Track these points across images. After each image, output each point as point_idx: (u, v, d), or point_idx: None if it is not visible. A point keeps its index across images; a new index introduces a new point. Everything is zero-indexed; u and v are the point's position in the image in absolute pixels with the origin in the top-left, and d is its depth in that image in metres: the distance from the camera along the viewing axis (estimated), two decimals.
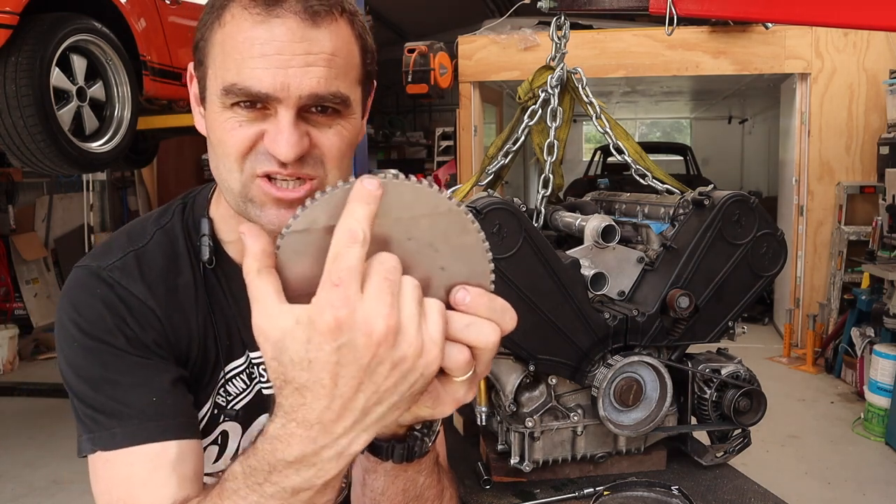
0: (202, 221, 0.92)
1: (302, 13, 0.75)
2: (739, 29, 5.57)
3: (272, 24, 0.75)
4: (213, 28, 0.79)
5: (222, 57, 0.78)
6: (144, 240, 0.91)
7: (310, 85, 0.75)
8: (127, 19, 3.28)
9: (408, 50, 6.00)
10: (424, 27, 8.02)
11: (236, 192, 0.81)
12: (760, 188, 9.93)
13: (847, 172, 5.59)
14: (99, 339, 0.83)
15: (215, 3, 0.80)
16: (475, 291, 0.58)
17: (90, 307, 0.84)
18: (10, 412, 4.59)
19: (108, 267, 0.87)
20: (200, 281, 0.91)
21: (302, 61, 0.75)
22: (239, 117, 0.78)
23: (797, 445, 3.81)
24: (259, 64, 0.75)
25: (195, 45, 0.83)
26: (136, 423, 0.80)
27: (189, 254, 0.91)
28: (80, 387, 0.83)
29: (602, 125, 1.61)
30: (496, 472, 1.35)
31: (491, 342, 0.58)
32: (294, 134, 0.76)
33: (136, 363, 0.83)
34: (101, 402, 0.81)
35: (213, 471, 0.95)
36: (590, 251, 1.33)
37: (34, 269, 6.36)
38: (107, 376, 0.82)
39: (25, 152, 2.83)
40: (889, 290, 4.15)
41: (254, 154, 0.79)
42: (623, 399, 1.27)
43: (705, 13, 1.64)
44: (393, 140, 9.42)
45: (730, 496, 1.28)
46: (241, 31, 0.76)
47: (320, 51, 0.76)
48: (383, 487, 0.78)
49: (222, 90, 0.77)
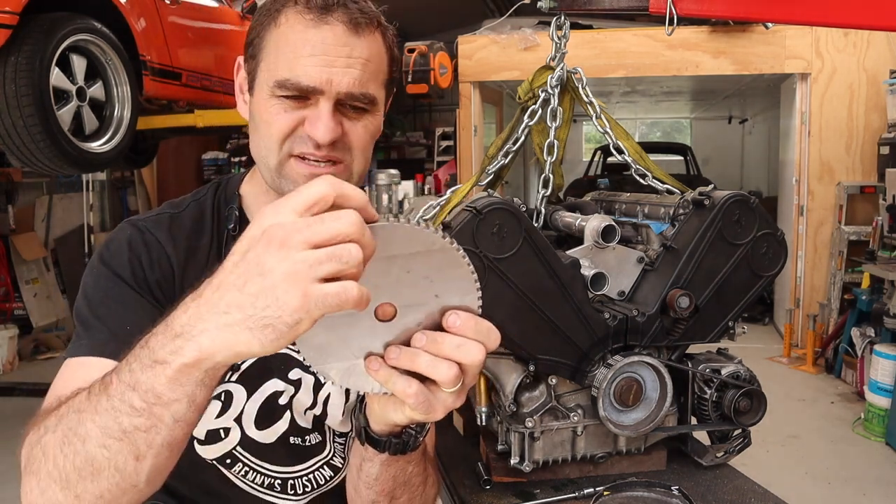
0: (234, 196, 1.07)
1: (347, 23, 0.90)
2: (739, 29, 5.57)
3: (322, 29, 0.90)
4: (268, 28, 0.94)
5: (276, 53, 0.92)
6: (181, 208, 1.06)
7: (348, 83, 0.91)
8: (127, 19, 3.28)
9: (408, 50, 6.00)
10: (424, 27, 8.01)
11: (273, 168, 0.95)
12: (760, 188, 9.92)
13: (847, 172, 5.59)
14: (110, 268, 0.97)
15: (271, 7, 0.94)
16: (464, 316, 0.67)
17: (116, 243, 0.99)
18: (10, 412, 4.59)
19: (144, 219, 1.03)
20: (220, 245, 1.03)
21: (344, 63, 0.90)
22: (284, 105, 0.92)
23: (797, 445, 3.81)
24: (309, 62, 0.90)
25: (249, 41, 0.97)
26: (103, 339, 0.91)
27: (213, 222, 1.05)
28: (81, 304, 0.96)
29: (602, 125, 1.61)
30: (496, 472, 1.35)
31: (477, 360, 0.67)
32: (331, 121, 0.91)
33: (132, 296, 0.95)
34: (87, 319, 0.94)
35: (214, 427, 1.03)
36: (590, 251, 1.33)
37: (34, 269, 6.36)
38: (104, 300, 0.95)
39: (25, 152, 2.82)
40: (889, 290, 4.15)
41: (293, 137, 0.93)
42: (623, 399, 1.27)
43: (705, 13, 1.64)
44: (393, 140, 9.42)
45: (730, 496, 1.28)
46: (295, 32, 0.91)
47: (359, 56, 0.92)
48: (377, 474, 0.91)
49: (275, 82, 0.91)
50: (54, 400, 0.78)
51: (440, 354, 0.66)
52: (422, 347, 0.66)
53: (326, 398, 1.11)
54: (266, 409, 1.06)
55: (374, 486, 0.92)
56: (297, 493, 1.11)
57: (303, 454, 1.11)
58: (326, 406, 1.12)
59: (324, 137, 0.91)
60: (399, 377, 0.67)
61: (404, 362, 0.66)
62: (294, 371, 1.08)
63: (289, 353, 1.07)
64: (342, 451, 1.15)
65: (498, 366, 1.29)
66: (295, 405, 1.09)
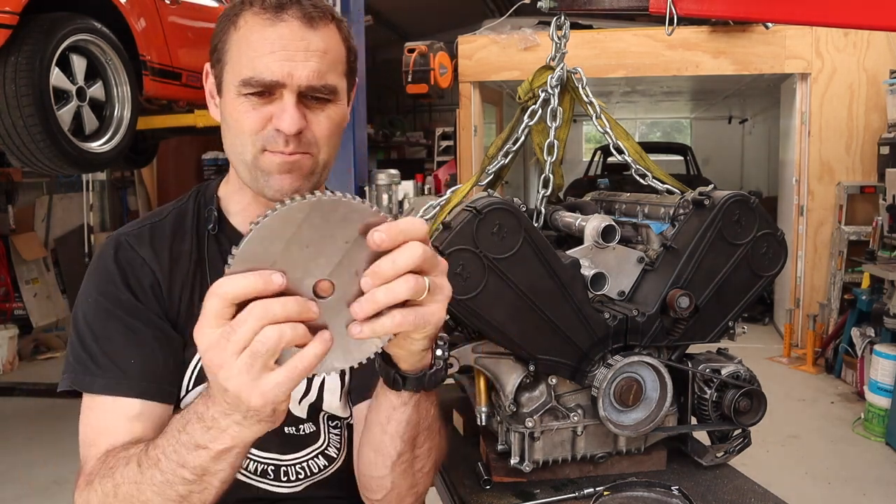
0: (213, 198, 1.12)
1: (302, 18, 0.96)
2: (739, 29, 5.57)
3: (279, 26, 0.95)
4: (229, 32, 0.99)
5: (238, 54, 0.97)
6: (162, 215, 1.11)
7: (308, 75, 0.96)
8: (127, 19, 3.28)
9: (408, 50, 6.00)
10: (424, 27, 8.01)
11: (249, 163, 1.00)
12: (760, 188, 9.91)
13: (847, 172, 5.59)
14: (108, 299, 1.01)
15: (230, 13, 0.99)
16: (382, 228, 0.67)
17: (105, 270, 1.04)
18: (10, 412, 4.59)
19: (126, 233, 1.08)
20: (201, 247, 1.08)
21: (302, 56, 0.95)
22: (251, 102, 0.97)
23: (797, 445, 3.81)
24: (270, 58, 0.95)
25: (213, 47, 1.02)
26: (115, 377, 0.98)
27: (194, 225, 1.10)
28: (85, 332, 1.01)
29: (602, 125, 1.61)
30: (496, 472, 1.35)
31: (417, 258, 0.68)
32: (296, 112, 0.96)
33: (133, 325, 1.01)
34: (94, 351, 0.99)
35: None
36: (590, 251, 1.33)
37: (34, 269, 6.36)
38: (106, 333, 1.00)
39: (25, 152, 2.82)
40: (889, 290, 4.15)
41: (263, 134, 0.98)
42: (623, 399, 1.27)
43: (705, 13, 1.64)
44: (393, 140, 9.43)
45: (730, 496, 1.28)
46: (254, 32, 0.96)
47: (316, 48, 0.96)
48: (407, 418, 0.94)
49: (240, 81, 0.96)
50: (94, 452, 0.94)
51: (388, 280, 0.67)
52: (372, 287, 0.67)
53: (321, 384, 1.13)
54: None
55: (402, 435, 0.95)
56: (291, 481, 1.13)
57: (297, 443, 1.13)
58: (322, 392, 1.13)
59: (290, 128, 0.96)
60: (382, 322, 0.68)
61: (370, 309, 0.67)
62: None
63: None
64: (337, 440, 1.16)
65: (498, 366, 1.29)
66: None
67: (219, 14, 1.04)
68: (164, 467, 0.80)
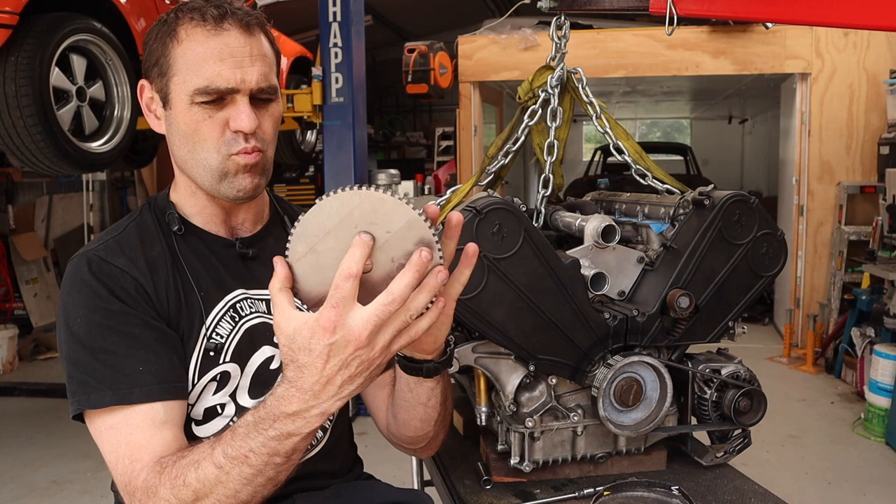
0: (168, 204, 1.15)
1: (241, 26, 1.03)
2: (739, 29, 5.57)
3: (223, 35, 1.02)
4: (170, 45, 1.03)
5: (186, 66, 1.02)
6: (121, 229, 1.12)
7: (257, 79, 1.03)
8: (127, 19, 3.28)
9: (408, 50, 6.00)
10: (424, 27, 8.02)
11: (214, 168, 1.06)
12: (760, 188, 9.93)
13: (847, 172, 5.59)
14: (97, 311, 1.01)
15: (164, 28, 1.04)
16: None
17: (85, 285, 1.03)
18: (10, 412, 4.59)
19: (93, 249, 1.07)
20: (172, 249, 1.10)
21: (249, 62, 1.03)
22: (205, 110, 1.03)
23: (797, 445, 3.81)
24: (221, 67, 1.01)
25: (152, 62, 1.06)
26: (126, 387, 0.98)
27: (159, 231, 1.12)
28: (82, 354, 1.00)
29: (602, 125, 1.61)
30: (496, 472, 1.35)
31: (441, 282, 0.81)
32: (251, 112, 1.04)
33: (131, 332, 1.01)
34: (96, 368, 0.99)
35: (211, 404, 1.09)
36: (590, 251, 1.33)
37: (34, 269, 6.36)
38: (105, 347, 0.99)
39: (25, 152, 2.82)
40: (889, 290, 4.15)
41: (223, 139, 1.04)
42: (623, 399, 1.27)
43: (705, 13, 1.64)
44: (393, 140, 9.43)
45: (730, 496, 1.28)
46: (199, 42, 1.02)
47: (258, 53, 1.04)
48: (441, 389, 1.09)
49: (195, 91, 1.01)
50: (139, 466, 0.95)
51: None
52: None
53: None
54: (259, 378, 1.12)
55: (439, 402, 1.10)
56: None
57: None
58: None
59: (249, 126, 1.03)
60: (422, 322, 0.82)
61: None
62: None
63: (268, 321, 1.13)
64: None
65: (498, 366, 1.29)
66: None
67: None
68: (253, 461, 0.86)
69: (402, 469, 1.77)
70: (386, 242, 0.78)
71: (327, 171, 4.34)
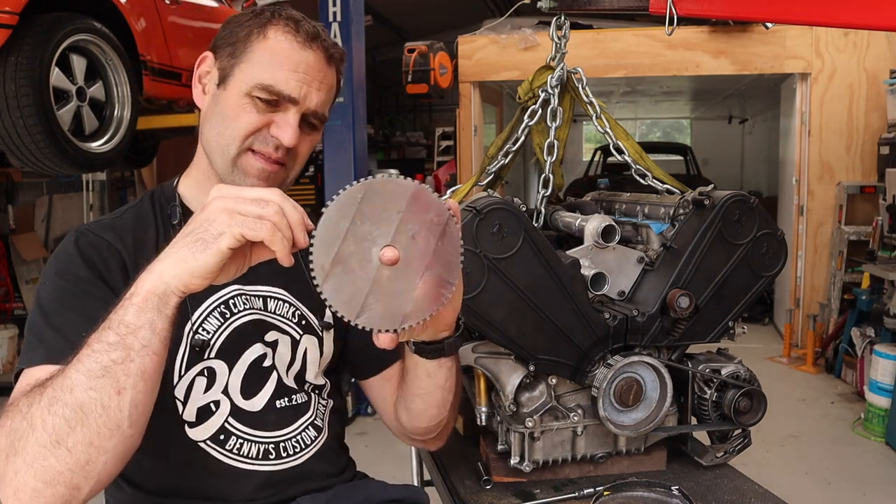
0: (173, 195, 1.17)
1: (325, 54, 1.09)
2: (739, 29, 5.57)
3: (308, 52, 1.07)
4: (255, 34, 1.07)
5: (261, 59, 1.06)
6: (120, 213, 1.16)
7: (316, 102, 1.08)
8: (127, 19, 3.27)
9: (408, 50, 6.00)
10: (424, 27, 8.02)
11: (230, 156, 1.08)
12: (760, 188, 9.92)
13: (847, 172, 5.59)
14: (64, 278, 1.02)
15: (257, 19, 1.08)
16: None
17: (66, 253, 1.06)
18: None
19: (87, 225, 1.11)
20: (168, 237, 1.05)
21: (317, 85, 1.08)
22: (256, 105, 1.06)
23: (797, 445, 3.81)
24: (292, 75, 1.06)
25: (229, 40, 1.09)
26: (61, 348, 0.93)
27: (156, 219, 1.14)
28: (37, 317, 1.00)
29: (602, 125, 1.61)
30: (496, 472, 1.35)
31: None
32: (297, 128, 1.07)
33: (89, 302, 0.99)
34: (43, 331, 0.98)
35: (204, 402, 1.09)
36: (590, 251, 1.33)
37: (34, 269, 6.35)
38: (60, 311, 1.00)
39: (25, 152, 2.82)
40: (889, 290, 4.15)
41: (257, 135, 1.07)
42: (623, 399, 1.27)
43: (705, 13, 1.64)
44: (393, 140, 9.42)
45: (730, 496, 1.28)
46: (284, 48, 1.06)
47: (328, 82, 1.10)
48: (456, 368, 1.11)
49: (256, 84, 1.05)
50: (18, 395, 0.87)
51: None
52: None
53: (304, 355, 1.18)
54: (252, 377, 1.12)
55: (455, 383, 1.12)
56: (290, 455, 1.15)
57: (291, 416, 1.15)
58: (305, 362, 1.18)
59: (290, 141, 1.06)
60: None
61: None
62: (270, 333, 1.14)
63: (262, 318, 1.13)
64: (322, 411, 1.21)
65: (498, 366, 1.29)
66: (278, 365, 1.15)
67: (219, 14, 1.06)
68: (91, 340, 0.81)
69: (402, 469, 1.77)
70: (401, 223, 0.80)
71: (327, 171, 4.34)
